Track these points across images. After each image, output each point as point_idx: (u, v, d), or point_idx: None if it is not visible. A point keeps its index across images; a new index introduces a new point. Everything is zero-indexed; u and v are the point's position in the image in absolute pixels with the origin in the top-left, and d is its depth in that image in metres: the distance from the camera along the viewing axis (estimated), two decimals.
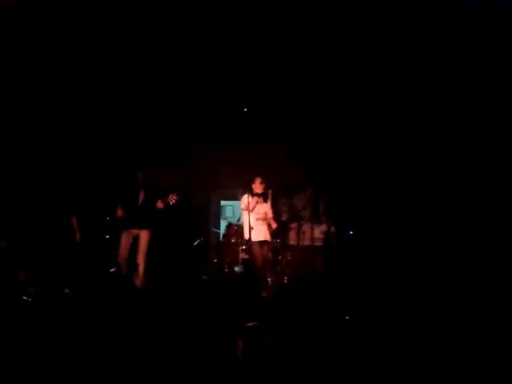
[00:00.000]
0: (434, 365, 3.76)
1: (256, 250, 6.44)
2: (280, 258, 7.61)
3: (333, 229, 7.80)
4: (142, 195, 6.27)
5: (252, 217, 6.43)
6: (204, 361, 3.76)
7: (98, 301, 5.62)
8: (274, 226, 6.68)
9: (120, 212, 6.26)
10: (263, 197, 6.54)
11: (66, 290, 5.74)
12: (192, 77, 6.65)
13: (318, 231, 7.89)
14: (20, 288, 5.73)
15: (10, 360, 3.71)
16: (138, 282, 6.17)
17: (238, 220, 7.58)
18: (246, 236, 6.52)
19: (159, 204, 6.07)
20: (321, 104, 7.48)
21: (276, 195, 8.28)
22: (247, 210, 6.40)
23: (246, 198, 6.45)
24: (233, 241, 7.67)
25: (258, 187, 6.48)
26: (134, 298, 5.70)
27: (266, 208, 6.59)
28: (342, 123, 7.89)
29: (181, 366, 3.71)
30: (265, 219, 6.51)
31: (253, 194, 6.47)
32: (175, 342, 4.16)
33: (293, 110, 7.69)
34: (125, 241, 6.21)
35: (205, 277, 7.53)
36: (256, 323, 4.41)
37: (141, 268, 6.18)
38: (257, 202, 6.45)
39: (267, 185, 6.61)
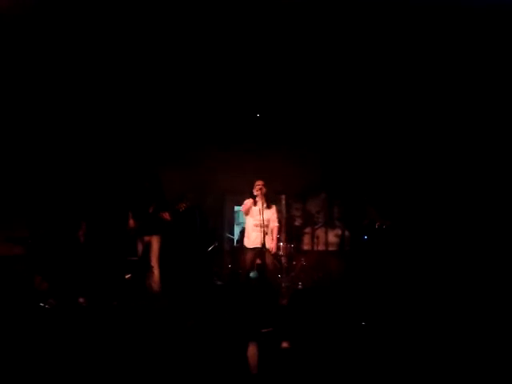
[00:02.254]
0: (450, 370, 3.73)
1: (247, 256, 6.24)
2: (294, 263, 7.59)
3: (347, 233, 7.76)
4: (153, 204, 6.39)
5: (250, 222, 6.26)
6: (218, 366, 3.77)
7: (115, 306, 5.69)
8: (274, 233, 6.30)
9: (132, 222, 6.41)
10: (266, 203, 6.22)
11: (81, 300, 5.81)
12: (206, 82, 6.66)
13: (333, 236, 7.85)
14: (37, 294, 5.81)
15: (24, 363, 3.76)
16: (155, 285, 6.30)
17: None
18: (244, 241, 6.35)
19: (165, 216, 6.23)
20: (335, 109, 7.45)
21: (290, 200, 8.30)
22: (243, 213, 6.30)
23: (246, 201, 6.31)
24: None
25: (256, 191, 6.19)
26: (150, 304, 5.75)
27: (267, 214, 6.15)
28: (357, 128, 7.86)
29: (195, 371, 3.72)
30: (263, 226, 6.03)
31: (253, 197, 6.23)
32: (189, 347, 4.17)
33: (307, 116, 7.67)
34: (140, 248, 6.40)
35: (219, 282, 7.53)
36: (271, 329, 4.40)
37: (156, 271, 6.31)
38: (252, 205, 6.19)
39: (270, 190, 6.37)
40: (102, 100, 7.05)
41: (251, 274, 6.62)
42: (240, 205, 8.54)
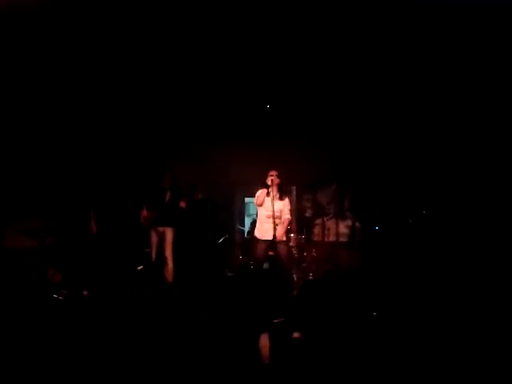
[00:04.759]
0: (462, 361, 3.72)
1: (258, 247, 6.13)
2: (305, 254, 7.58)
3: (358, 224, 7.71)
4: (168, 195, 6.52)
5: (262, 213, 6.12)
6: (230, 357, 3.79)
7: (128, 297, 5.77)
8: (285, 224, 6.15)
9: (145, 212, 6.50)
10: (279, 193, 6.10)
11: (85, 292, 5.88)
12: (218, 74, 6.65)
13: (343, 227, 7.81)
14: (50, 286, 5.89)
15: (38, 354, 3.82)
16: (169, 275, 6.46)
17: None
18: (255, 232, 6.24)
19: (182, 204, 6.40)
20: (345, 99, 7.41)
21: (300, 191, 8.29)
22: (257, 204, 6.15)
23: (258, 192, 6.16)
24: None
25: (269, 181, 6.03)
26: (162, 295, 5.82)
27: (279, 206, 6.05)
28: (366, 118, 7.82)
29: (207, 361, 3.75)
30: (276, 217, 5.92)
31: (266, 188, 6.07)
32: (202, 337, 4.21)
33: (317, 106, 7.64)
34: (154, 238, 6.52)
35: (230, 274, 7.57)
36: (283, 319, 4.42)
37: (170, 262, 6.45)
38: (266, 196, 6.00)
39: (283, 181, 6.19)
40: (114, 92, 7.07)
41: (264, 266, 6.62)
42: (251, 196, 8.54)
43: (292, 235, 7.58)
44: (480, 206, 6.90)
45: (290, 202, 6.42)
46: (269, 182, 6.05)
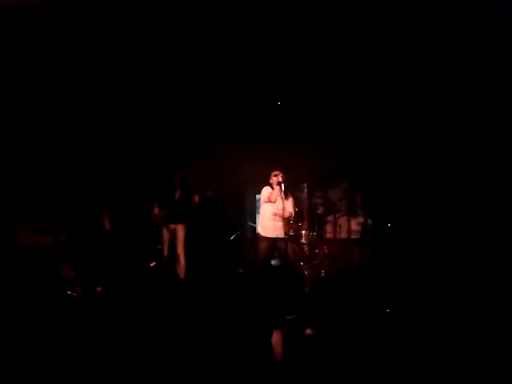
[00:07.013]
0: (477, 357, 3.69)
1: (262, 245, 6.19)
2: (316, 251, 7.58)
3: (369, 221, 7.69)
4: (178, 193, 6.56)
5: (268, 211, 6.18)
6: (243, 353, 3.80)
7: (141, 294, 5.81)
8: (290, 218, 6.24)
9: (156, 210, 6.55)
10: (284, 192, 6.09)
11: (98, 289, 5.93)
12: (228, 73, 6.66)
13: (355, 224, 7.80)
14: (64, 282, 5.94)
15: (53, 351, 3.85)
16: (181, 272, 6.51)
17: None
18: (259, 230, 6.28)
19: (195, 198, 6.39)
20: (356, 98, 7.38)
21: (312, 188, 8.28)
22: (271, 201, 6.12)
23: (266, 190, 6.20)
24: None
25: (276, 180, 6.11)
26: (174, 292, 5.84)
27: (284, 203, 6.08)
28: (378, 116, 7.78)
29: (220, 358, 3.77)
30: (282, 215, 6.06)
31: (272, 188, 6.17)
32: (214, 334, 4.22)
33: (328, 104, 7.62)
34: (166, 235, 6.57)
35: (241, 270, 7.58)
36: (295, 316, 4.42)
37: (182, 259, 6.51)
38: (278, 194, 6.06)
39: (286, 179, 6.16)
40: (126, 91, 7.11)
41: (273, 262, 6.63)
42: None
43: (303, 232, 7.59)
44: (492, 203, 6.84)
45: (295, 204, 6.49)
46: (274, 182, 6.11)
